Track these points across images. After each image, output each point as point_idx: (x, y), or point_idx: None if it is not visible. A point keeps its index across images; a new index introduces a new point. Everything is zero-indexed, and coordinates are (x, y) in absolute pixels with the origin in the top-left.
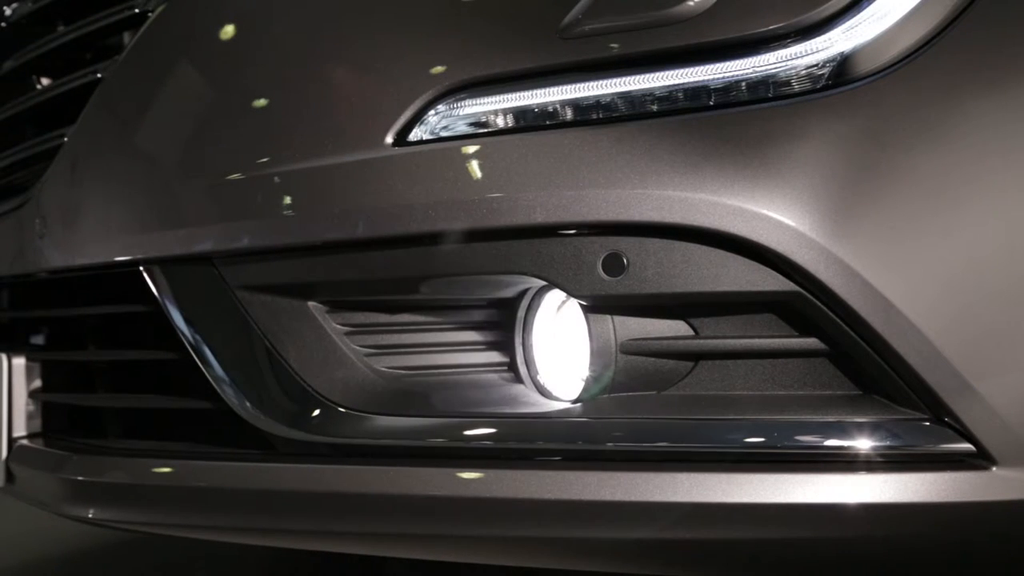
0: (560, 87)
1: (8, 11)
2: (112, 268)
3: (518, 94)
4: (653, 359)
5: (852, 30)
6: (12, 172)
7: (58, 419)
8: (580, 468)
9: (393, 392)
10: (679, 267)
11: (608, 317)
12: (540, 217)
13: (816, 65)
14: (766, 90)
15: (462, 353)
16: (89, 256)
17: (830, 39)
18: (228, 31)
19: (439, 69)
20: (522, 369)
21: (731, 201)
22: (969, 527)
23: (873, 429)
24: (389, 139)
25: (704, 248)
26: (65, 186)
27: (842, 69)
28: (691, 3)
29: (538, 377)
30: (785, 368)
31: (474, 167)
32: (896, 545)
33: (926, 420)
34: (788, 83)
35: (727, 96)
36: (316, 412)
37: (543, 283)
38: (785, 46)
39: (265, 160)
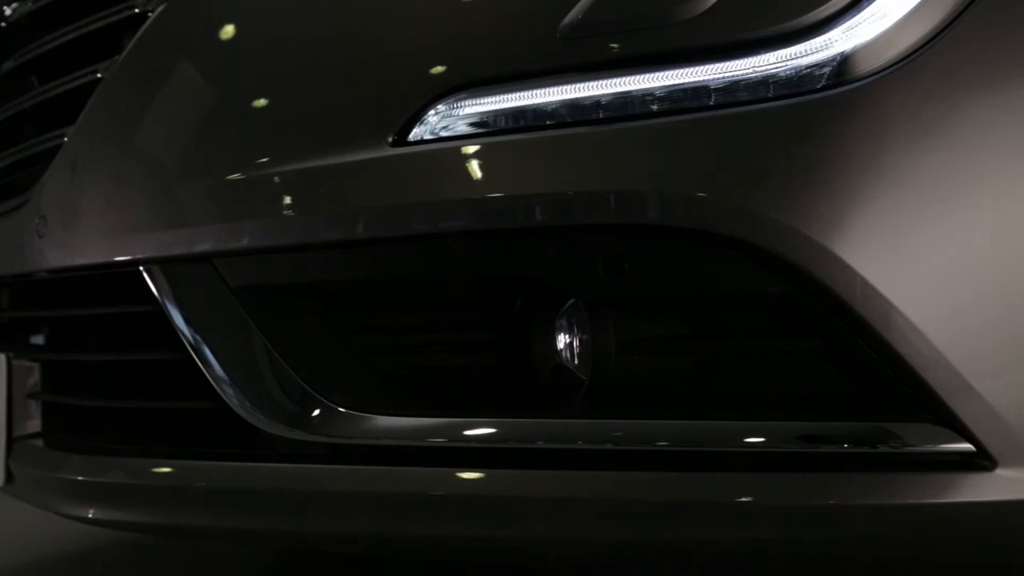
0: (560, 87)
1: (8, 11)
2: (112, 268)
3: (518, 94)
4: (653, 359)
5: (852, 30)
6: (12, 172)
7: (58, 419)
8: (580, 468)
9: (393, 392)
10: (679, 267)
11: (608, 317)
12: (540, 217)
13: (816, 65)
14: (766, 90)
15: (462, 353)
16: (89, 256)
17: (830, 39)
18: (228, 31)
19: (439, 69)
20: (523, 369)
21: (731, 201)
22: (970, 528)
23: (873, 429)
24: (389, 139)
25: (704, 248)
26: (65, 186)
27: (842, 69)
28: (691, 3)
29: (539, 377)
30: (785, 368)
31: (474, 167)
32: (897, 545)
33: (926, 420)
34: (788, 83)
35: (727, 96)
36: (316, 412)
37: (544, 283)
38: (785, 46)
39: (265, 160)
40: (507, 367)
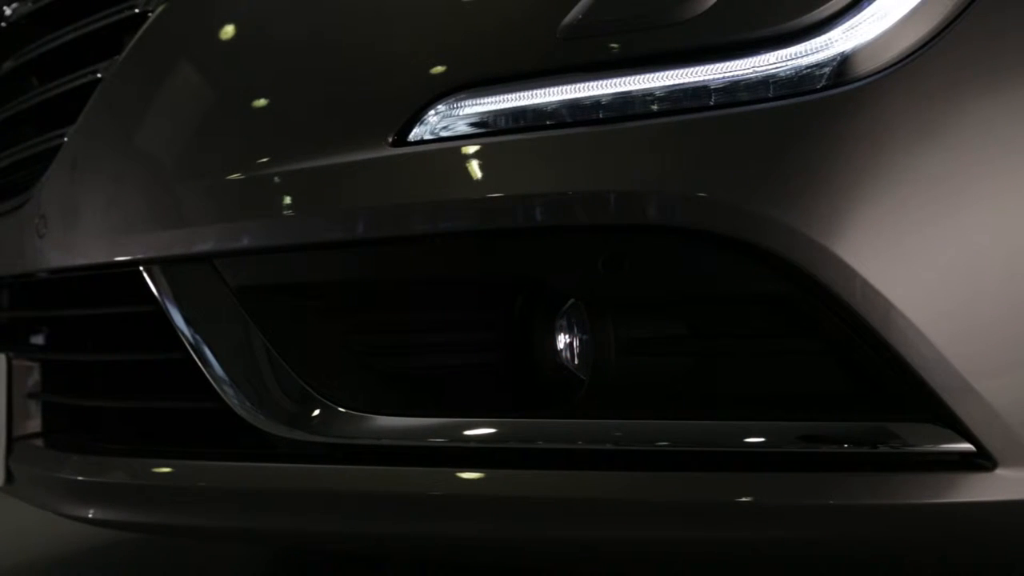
0: (560, 87)
1: (8, 11)
2: (112, 268)
3: (518, 94)
4: (653, 359)
5: (852, 30)
6: (12, 172)
7: (58, 419)
8: (580, 468)
9: (393, 392)
10: (679, 267)
11: (608, 317)
12: (540, 217)
13: (816, 65)
14: (766, 90)
15: (462, 353)
16: (89, 256)
17: (830, 39)
18: (228, 31)
19: (439, 69)
20: (523, 369)
21: (731, 201)
22: (970, 528)
23: (873, 429)
24: (389, 139)
25: (704, 248)
26: (65, 186)
27: (842, 69)
28: (691, 3)
29: (539, 377)
30: (785, 368)
31: (474, 167)
32: (897, 545)
33: (927, 420)
34: (788, 83)
35: (727, 96)
36: (316, 412)
37: (544, 283)
38: (785, 46)
39: (265, 160)
40: (507, 367)
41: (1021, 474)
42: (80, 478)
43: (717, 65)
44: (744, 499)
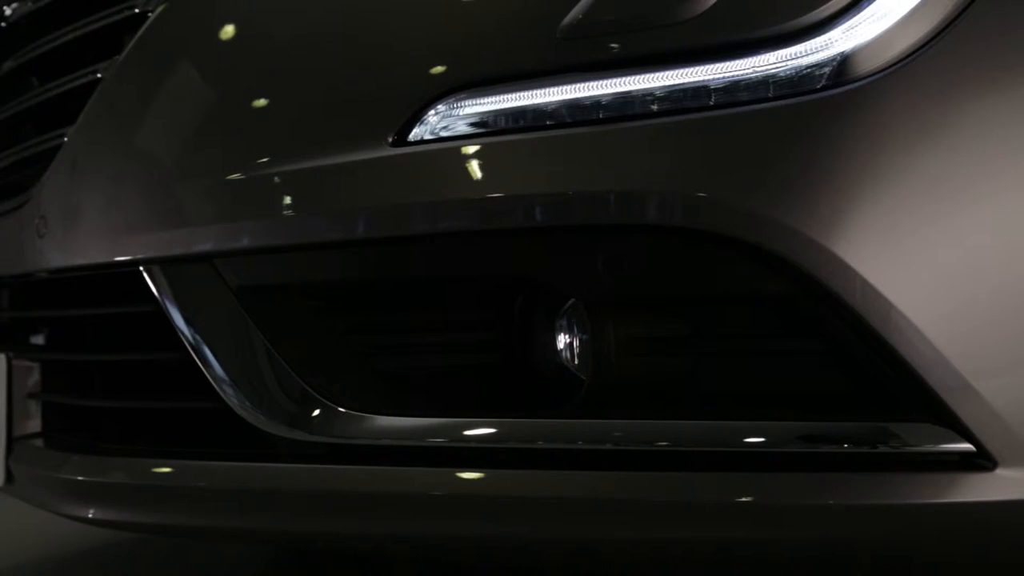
0: (559, 87)
1: (8, 11)
2: (112, 268)
3: (518, 94)
4: (653, 359)
5: (852, 30)
6: (12, 172)
7: (58, 419)
8: (580, 468)
9: (393, 392)
10: (679, 267)
11: (608, 317)
12: (540, 217)
13: (816, 65)
14: (766, 90)
15: (462, 353)
16: (89, 256)
17: (830, 39)
18: (228, 31)
19: (439, 69)
20: (523, 369)
21: (731, 201)
22: (970, 528)
23: (873, 429)
24: (389, 139)
25: (704, 248)
26: (65, 186)
27: (842, 69)
28: (691, 3)
29: (539, 377)
30: (786, 368)
31: (474, 167)
32: (897, 545)
33: (927, 420)
34: (788, 83)
35: (727, 96)
36: (316, 412)
37: (544, 283)
38: (785, 46)
39: (265, 160)
40: (507, 367)
41: (1021, 474)
42: (80, 478)
43: (717, 65)
44: (744, 499)
